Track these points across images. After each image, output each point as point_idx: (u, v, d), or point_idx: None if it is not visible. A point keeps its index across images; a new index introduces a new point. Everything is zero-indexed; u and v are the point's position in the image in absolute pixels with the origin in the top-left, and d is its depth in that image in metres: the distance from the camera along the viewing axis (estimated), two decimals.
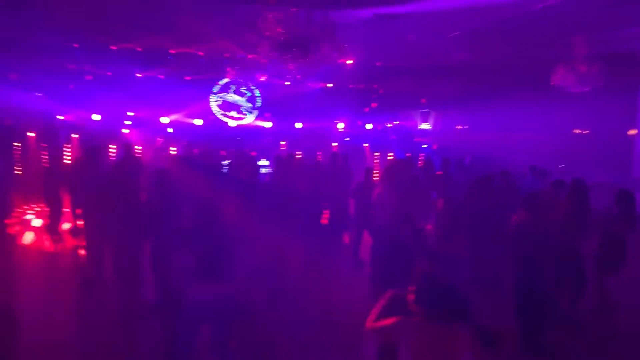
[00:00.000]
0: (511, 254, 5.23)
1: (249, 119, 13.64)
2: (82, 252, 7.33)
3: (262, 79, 12.23)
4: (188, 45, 12.84)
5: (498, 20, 8.99)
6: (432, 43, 10.90)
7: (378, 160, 13.41)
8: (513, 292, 5.10)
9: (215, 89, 13.34)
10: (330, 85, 14.10)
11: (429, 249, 4.26)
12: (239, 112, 13.59)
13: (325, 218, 8.19)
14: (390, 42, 11.11)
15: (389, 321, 2.86)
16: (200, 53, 13.42)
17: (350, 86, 14.26)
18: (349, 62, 11.48)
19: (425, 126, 15.34)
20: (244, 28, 11.07)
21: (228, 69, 11.53)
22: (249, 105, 13.62)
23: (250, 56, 12.59)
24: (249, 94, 13.66)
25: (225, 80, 13.28)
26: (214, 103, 13.35)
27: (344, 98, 13.96)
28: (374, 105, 14.72)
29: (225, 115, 13.46)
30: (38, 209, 10.04)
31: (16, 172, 10.67)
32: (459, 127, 14.84)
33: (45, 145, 10.43)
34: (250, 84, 13.54)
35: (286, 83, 13.34)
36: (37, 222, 9.51)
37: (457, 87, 13.09)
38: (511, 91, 11.57)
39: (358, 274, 7.17)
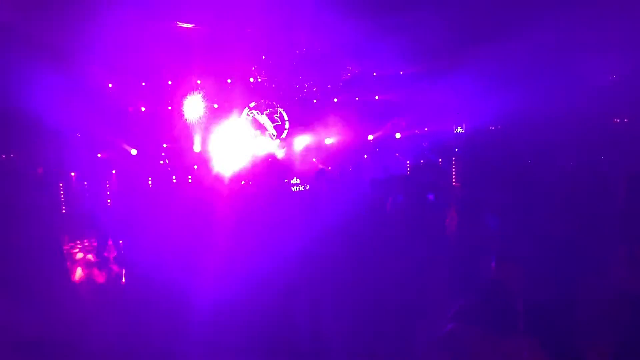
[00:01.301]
0: None
1: (268, 145, 13.69)
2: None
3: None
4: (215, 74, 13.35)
5: None
6: None
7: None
8: None
9: (252, 104, 13.55)
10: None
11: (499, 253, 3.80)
12: (262, 134, 13.68)
13: None
14: None
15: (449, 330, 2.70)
16: (228, 80, 13.89)
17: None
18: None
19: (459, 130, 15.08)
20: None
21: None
22: (274, 132, 13.71)
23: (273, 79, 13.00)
24: (279, 123, 13.78)
25: (262, 101, 13.50)
26: (244, 117, 13.55)
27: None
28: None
29: (248, 132, 13.59)
30: (85, 244, 10.48)
31: (62, 211, 11.20)
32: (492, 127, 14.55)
33: (86, 183, 10.95)
34: (283, 112, 13.67)
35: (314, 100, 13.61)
36: (83, 255, 9.92)
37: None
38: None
39: None
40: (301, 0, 11.62)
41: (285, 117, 13.74)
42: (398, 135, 14.05)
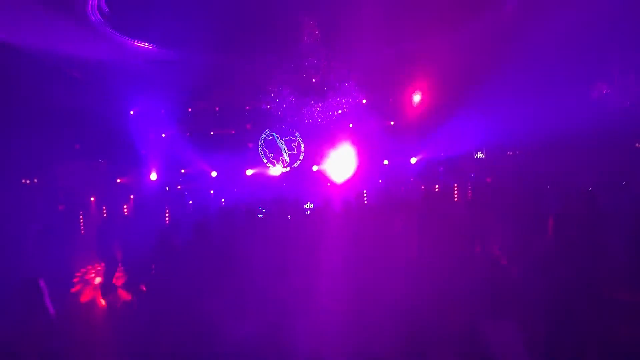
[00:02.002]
0: None
1: (277, 169, 13.79)
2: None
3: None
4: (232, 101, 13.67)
5: None
6: None
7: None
8: None
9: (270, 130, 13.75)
10: None
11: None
12: (276, 158, 13.77)
13: None
14: None
15: None
16: (247, 107, 14.18)
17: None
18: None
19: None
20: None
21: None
22: (287, 159, 13.80)
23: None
24: (294, 152, 13.88)
25: (282, 127, 13.67)
26: (263, 136, 13.69)
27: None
28: None
29: (263, 152, 13.73)
30: (99, 268, 10.65)
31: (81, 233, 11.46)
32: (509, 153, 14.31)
33: (105, 207, 11.22)
34: (301, 141, 13.81)
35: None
36: (97, 279, 10.07)
37: None
38: None
39: None
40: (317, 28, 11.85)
41: (302, 148, 13.87)
42: (414, 160, 13.96)
